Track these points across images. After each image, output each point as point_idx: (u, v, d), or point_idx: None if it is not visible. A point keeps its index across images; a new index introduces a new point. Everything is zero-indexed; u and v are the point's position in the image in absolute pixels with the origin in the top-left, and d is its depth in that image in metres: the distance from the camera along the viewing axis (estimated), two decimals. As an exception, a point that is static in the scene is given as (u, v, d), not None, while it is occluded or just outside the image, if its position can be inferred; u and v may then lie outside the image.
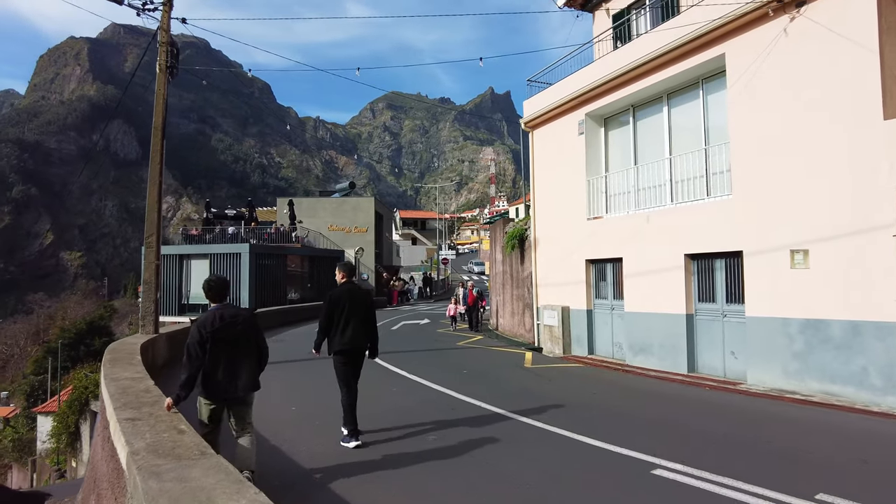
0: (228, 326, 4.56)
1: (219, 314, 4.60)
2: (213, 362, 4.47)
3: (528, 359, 12.31)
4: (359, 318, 5.99)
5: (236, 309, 4.77)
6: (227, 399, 4.58)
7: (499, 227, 19.68)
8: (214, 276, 4.93)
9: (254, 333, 4.76)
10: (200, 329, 4.48)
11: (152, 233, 10.38)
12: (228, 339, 4.54)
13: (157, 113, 10.50)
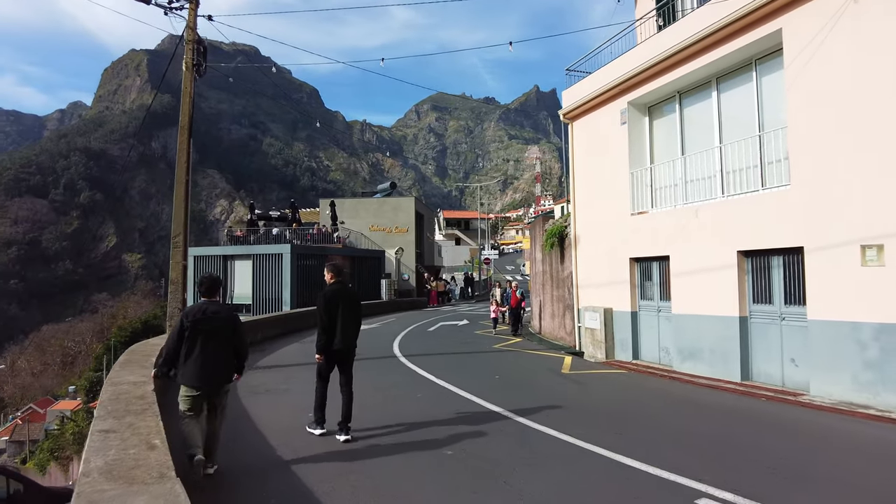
0: (209, 320, 4.96)
1: (203, 308, 5.04)
2: (192, 351, 4.86)
3: (566, 364, 11.61)
4: (350, 317, 6.13)
5: (220, 306, 5.18)
6: (202, 386, 4.86)
7: (538, 225, 18.96)
8: (207, 275, 5.36)
9: (232, 330, 5.12)
10: (183, 318, 4.98)
11: (179, 232, 10.29)
12: (207, 331, 4.92)
13: (184, 112, 10.42)
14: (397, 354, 12.71)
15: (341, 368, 6.26)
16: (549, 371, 10.73)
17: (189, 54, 10.34)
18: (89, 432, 3.61)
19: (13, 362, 75.29)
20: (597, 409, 7.61)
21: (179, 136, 10.36)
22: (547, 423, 6.53)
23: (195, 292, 24.32)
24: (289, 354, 13.05)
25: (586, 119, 14.03)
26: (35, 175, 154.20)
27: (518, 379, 9.89)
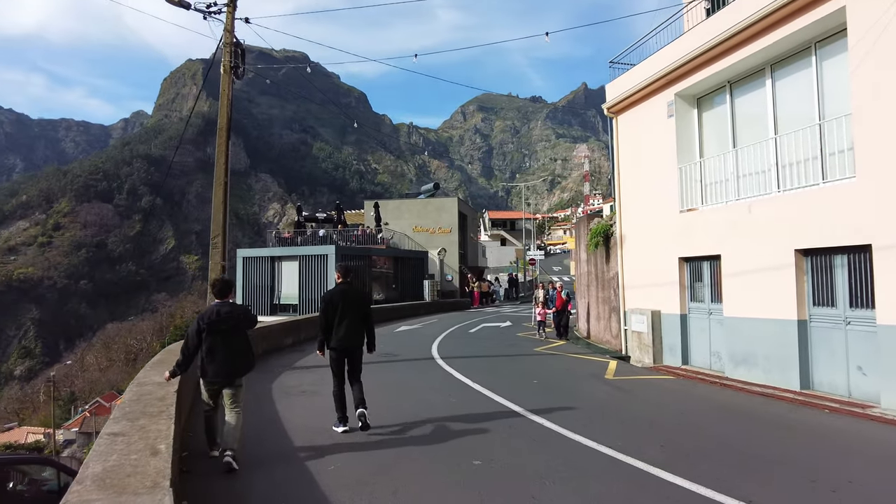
0: (223, 321, 5.27)
1: (217, 309, 5.33)
2: (208, 349, 5.22)
3: (610, 369, 11.11)
4: (353, 317, 6.30)
5: (233, 307, 5.46)
6: (218, 381, 5.26)
7: (583, 224, 18.39)
8: (219, 278, 5.84)
9: (245, 328, 5.48)
10: (199, 320, 5.28)
11: (218, 233, 10.42)
12: (221, 331, 5.25)
13: (222, 114, 10.56)
14: (435, 356, 12.52)
15: (350, 364, 6.52)
16: (592, 376, 10.28)
17: (227, 57, 10.48)
18: (99, 434, 3.55)
19: (83, 358, 79.70)
20: (640, 418, 7.16)
21: (218, 137, 10.51)
22: (584, 433, 6.16)
23: (244, 291, 24.78)
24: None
25: (631, 113, 13.47)
26: (102, 181, 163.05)
27: (557, 384, 9.50)
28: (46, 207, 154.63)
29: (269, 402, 7.99)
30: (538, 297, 18.05)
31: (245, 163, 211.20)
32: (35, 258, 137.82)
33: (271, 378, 9.85)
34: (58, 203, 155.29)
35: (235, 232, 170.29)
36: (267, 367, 10.91)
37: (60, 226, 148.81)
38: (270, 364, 11.24)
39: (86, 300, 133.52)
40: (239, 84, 48.46)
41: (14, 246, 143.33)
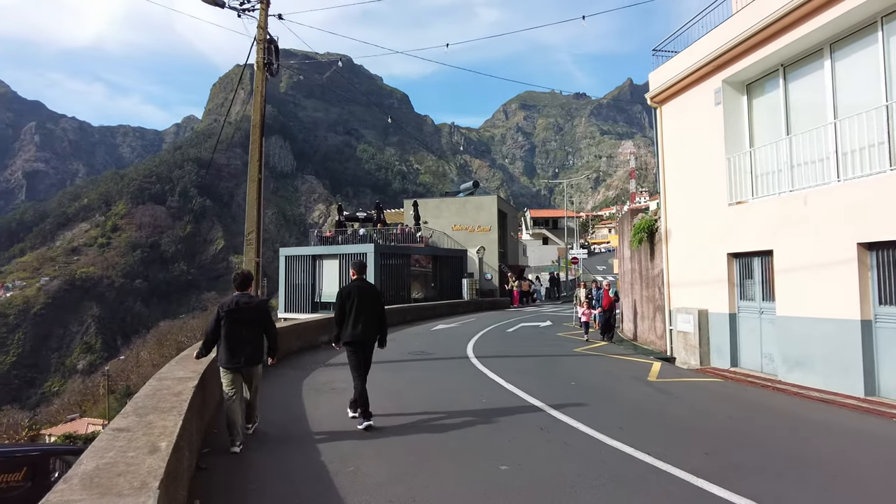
0: (241, 311, 5.67)
1: (236, 300, 5.74)
2: (227, 336, 5.59)
3: (654, 371, 10.56)
4: (367, 312, 6.48)
5: (251, 298, 5.88)
6: (235, 366, 5.59)
7: (626, 221, 17.74)
8: (240, 271, 6.19)
9: (262, 318, 5.84)
10: (219, 309, 5.70)
11: (252, 230, 10.44)
12: (240, 320, 5.64)
13: (256, 110, 10.57)
14: (470, 356, 12.22)
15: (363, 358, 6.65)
16: (634, 378, 9.77)
17: (260, 53, 10.48)
18: (104, 429, 3.44)
19: (137, 354, 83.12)
20: (683, 423, 6.68)
21: (252, 134, 10.53)
22: (622, 438, 5.76)
23: (286, 289, 25.12)
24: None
25: (676, 102, 12.83)
26: (155, 184, 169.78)
27: (596, 386, 9.05)
28: (105, 210, 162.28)
29: (297, 399, 7.89)
30: (580, 297, 17.51)
31: (292, 165, 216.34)
32: (95, 258, 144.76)
33: (303, 375, 9.78)
34: (115, 205, 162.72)
35: (283, 232, 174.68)
36: (300, 364, 10.88)
37: (118, 227, 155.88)
38: (304, 361, 11.21)
39: (141, 298, 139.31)
40: (284, 88, 49.89)
41: (77, 246, 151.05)
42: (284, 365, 10.87)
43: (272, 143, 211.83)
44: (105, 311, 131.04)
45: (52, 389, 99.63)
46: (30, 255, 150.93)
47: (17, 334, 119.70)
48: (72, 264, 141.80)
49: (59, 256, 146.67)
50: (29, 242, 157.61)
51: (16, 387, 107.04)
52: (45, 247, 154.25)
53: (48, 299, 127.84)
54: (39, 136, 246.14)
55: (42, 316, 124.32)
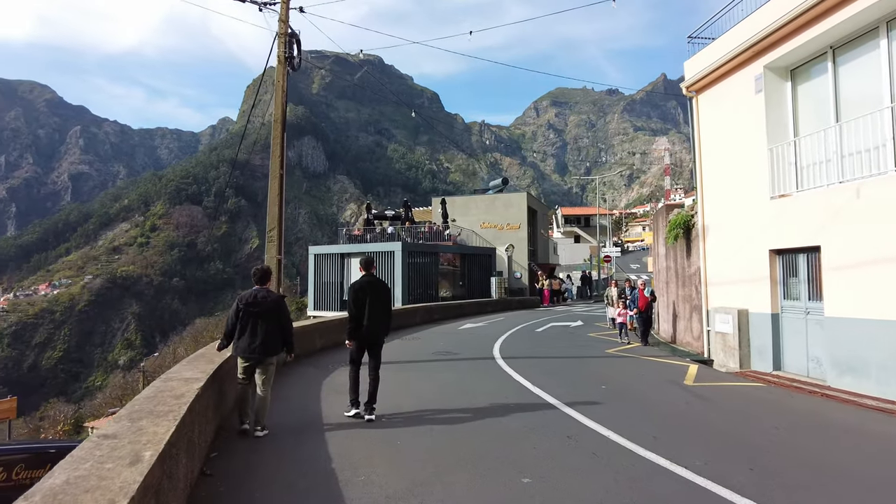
0: (258, 304, 5.90)
1: (254, 294, 5.99)
2: (242, 328, 5.85)
3: (690, 374, 9.99)
4: (378, 308, 6.55)
5: (268, 292, 6.10)
6: (250, 357, 5.85)
7: (661, 217, 17.05)
8: (259, 266, 6.36)
9: (278, 313, 6.02)
10: (237, 302, 5.96)
11: (274, 227, 10.27)
12: (256, 313, 5.86)
13: (277, 105, 10.41)
14: (496, 356, 11.84)
15: (370, 353, 6.76)
16: (669, 382, 9.24)
17: (281, 47, 10.31)
18: (90, 436, 3.21)
19: (174, 350, 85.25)
20: (724, 432, 6.18)
21: (273, 129, 10.37)
22: (657, 449, 5.32)
23: (316, 287, 25.14)
24: (388, 351, 12.56)
25: (713, 91, 12.18)
26: (192, 185, 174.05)
27: (629, 390, 8.57)
28: (144, 210, 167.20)
29: (315, 401, 7.65)
30: (611, 296, 16.90)
31: (324, 165, 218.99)
32: (135, 257, 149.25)
33: (324, 375, 9.57)
34: (154, 206, 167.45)
35: (315, 232, 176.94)
36: (322, 363, 10.68)
37: (156, 227, 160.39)
38: (326, 360, 11.02)
39: (178, 296, 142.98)
40: (317, 89, 50.19)
41: (118, 246, 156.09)
42: (306, 363, 10.70)
43: (305, 143, 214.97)
44: (144, 308, 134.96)
45: (96, 384, 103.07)
46: (75, 254, 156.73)
47: (64, 330, 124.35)
48: (113, 263, 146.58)
49: (101, 255, 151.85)
50: (74, 242, 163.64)
51: (62, 380, 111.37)
52: (89, 246, 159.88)
53: (91, 297, 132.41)
54: (83, 140, 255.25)
55: (86, 313, 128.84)
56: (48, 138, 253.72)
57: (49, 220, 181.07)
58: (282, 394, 7.87)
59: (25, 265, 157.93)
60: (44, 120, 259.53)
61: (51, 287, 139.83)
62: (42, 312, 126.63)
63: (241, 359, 5.93)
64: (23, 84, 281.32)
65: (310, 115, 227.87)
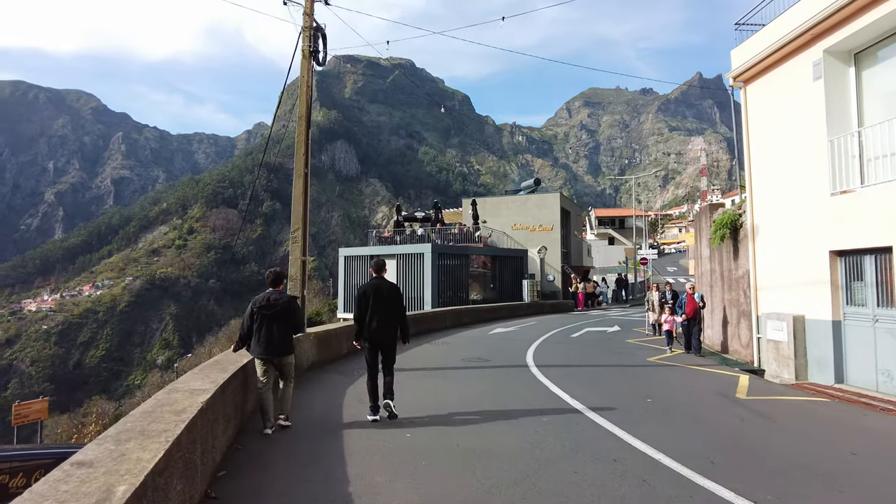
0: (271, 306, 6.12)
1: (267, 296, 6.21)
2: (259, 330, 6.06)
3: (741, 386, 9.18)
4: (384, 311, 6.61)
5: (281, 294, 6.32)
6: (266, 357, 6.08)
7: (704, 216, 16.14)
8: (272, 269, 6.67)
9: (290, 314, 6.23)
10: (252, 304, 6.18)
11: (298, 227, 9.90)
12: (270, 315, 6.09)
13: (302, 101, 10.03)
14: (529, 364, 11.21)
15: (383, 355, 6.75)
16: (720, 395, 8.47)
17: (305, 41, 9.93)
18: (62, 463, 2.77)
19: (209, 350, 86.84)
20: (793, 459, 5.44)
21: (298, 126, 10.00)
22: (716, 478, 4.65)
23: (345, 289, 24.86)
24: (415, 357, 12.21)
25: (765, 80, 11.33)
26: (228, 188, 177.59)
27: (677, 404, 7.84)
28: (182, 213, 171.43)
29: (336, 410, 7.20)
30: (652, 301, 16.00)
31: (356, 168, 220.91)
32: (173, 259, 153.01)
33: (348, 382, 9.13)
34: (191, 209, 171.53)
35: (348, 234, 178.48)
36: (347, 369, 10.26)
37: (193, 230, 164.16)
38: (352, 366, 10.58)
39: (214, 297, 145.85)
40: (349, 93, 50.21)
41: (157, 248, 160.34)
42: (330, 369, 10.29)
43: (337, 147, 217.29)
44: (182, 309, 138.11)
45: (135, 382, 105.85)
46: (116, 256, 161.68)
47: (106, 330, 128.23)
48: (152, 265, 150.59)
49: (141, 257, 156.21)
50: (116, 244, 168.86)
51: (104, 378, 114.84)
52: (129, 248, 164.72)
53: (132, 298, 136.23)
54: (125, 146, 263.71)
55: (126, 313, 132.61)
56: (93, 144, 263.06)
57: (93, 224, 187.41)
58: (303, 401, 7.45)
59: (71, 267, 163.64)
60: (89, 127, 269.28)
61: (94, 288, 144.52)
62: (86, 312, 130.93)
63: (258, 360, 6.14)
64: (70, 93, 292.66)
65: (342, 118, 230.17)
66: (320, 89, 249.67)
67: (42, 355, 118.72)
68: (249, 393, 6.57)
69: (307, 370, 9.80)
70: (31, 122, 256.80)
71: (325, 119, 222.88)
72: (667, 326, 13.77)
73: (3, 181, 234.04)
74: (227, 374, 5.59)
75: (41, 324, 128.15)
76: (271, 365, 6.15)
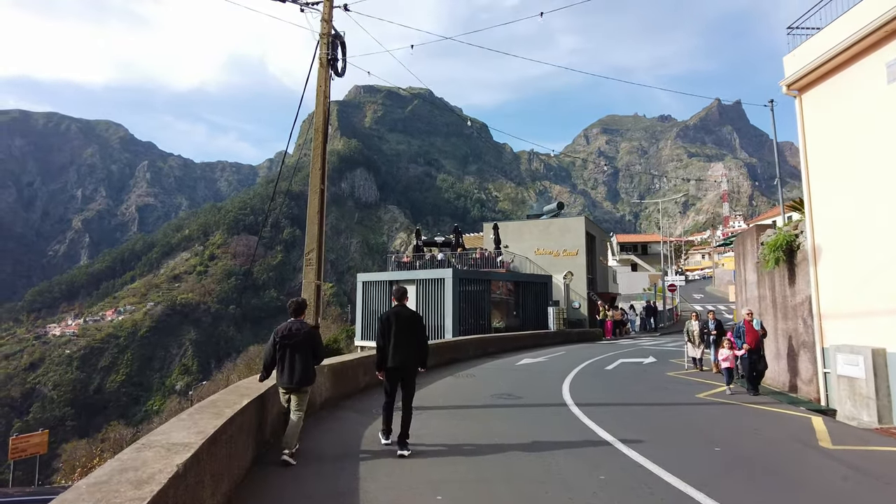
0: (293, 336, 6.18)
1: (289, 326, 6.28)
2: (282, 360, 6.12)
3: (820, 431, 7.91)
4: (406, 338, 6.51)
5: (302, 324, 6.36)
6: (288, 386, 6.12)
7: (749, 239, 14.94)
8: (294, 299, 6.80)
9: (312, 344, 6.26)
10: (274, 335, 6.29)
11: (313, 248, 9.01)
12: (291, 345, 6.13)
13: (318, 114, 9.24)
14: (567, 401, 10.03)
15: (402, 385, 6.63)
16: (798, 443, 7.23)
17: (323, 48, 9.19)
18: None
19: (227, 377, 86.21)
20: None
21: (314, 139, 9.20)
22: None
23: (363, 316, 23.90)
24: (438, 392, 11.11)
25: (825, 86, 10.29)
26: (249, 216, 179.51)
27: (753, 455, 6.61)
28: (204, 240, 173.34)
29: (352, 461, 6.14)
30: (692, 331, 14.70)
31: (375, 196, 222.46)
32: (194, 285, 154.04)
33: (367, 421, 8.08)
34: (213, 236, 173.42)
35: (366, 261, 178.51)
36: (365, 406, 9.21)
37: (215, 256, 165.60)
38: (370, 402, 9.53)
39: (234, 323, 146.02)
40: (369, 122, 50.08)
41: (178, 274, 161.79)
42: (346, 406, 9.26)
43: (357, 175, 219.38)
44: (201, 335, 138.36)
45: (154, 408, 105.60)
46: (139, 281, 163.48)
47: (127, 355, 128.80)
48: (173, 291, 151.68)
49: (162, 283, 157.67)
50: (138, 270, 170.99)
51: (124, 403, 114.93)
52: (152, 274, 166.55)
53: (153, 323, 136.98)
54: (150, 174, 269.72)
55: (147, 338, 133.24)
56: (119, 173, 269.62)
57: (117, 250, 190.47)
58: (310, 449, 6.41)
59: (95, 292, 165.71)
60: (116, 156, 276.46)
61: (116, 313, 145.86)
62: (108, 337, 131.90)
63: (281, 389, 6.27)
64: (100, 123, 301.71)
65: (362, 147, 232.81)
66: (341, 119, 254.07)
67: (64, 379, 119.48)
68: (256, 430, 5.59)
69: (320, 408, 8.78)
70: (62, 152, 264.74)
71: (346, 148, 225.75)
72: (726, 364, 11.58)
73: (34, 209, 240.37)
74: (221, 419, 4.61)
75: (64, 348, 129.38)
76: (287, 395, 6.25)
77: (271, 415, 6.65)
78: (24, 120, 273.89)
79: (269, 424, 6.55)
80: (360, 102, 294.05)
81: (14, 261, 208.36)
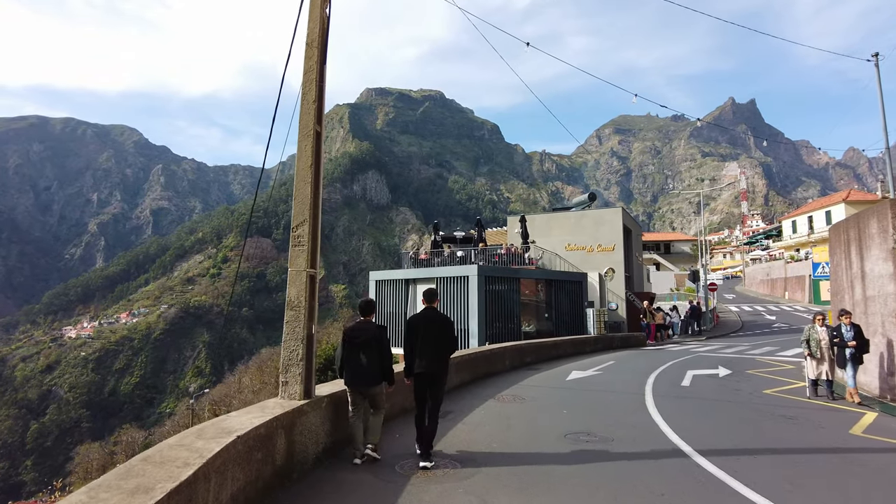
0: (360, 335, 6.22)
1: (357, 325, 6.41)
2: (346, 358, 6.22)
3: None
4: (430, 342, 6.26)
5: (369, 324, 6.40)
6: (354, 386, 6.18)
7: (874, 219, 11.71)
8: (363, 299, 7.06)
9: (377, 343, 6.22)
10: (344, 334, 6.42)
11: (304, 219, 6.07)
12: (359, 344, 6.18)
13: (313, 18, 6.32)
14: (680, 446, 6.87)
15: (430, 392, 6.31)
16: None
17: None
18: None
19: (239, 380, 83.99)
20: None
21: (305, 61, 6.26)
22: None
23: (377, 318, 21.07)
24: (482, 427, 7.98)
25: None
26: (262, 218, 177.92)
27: None
28: (217, 243, 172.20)
29: None
30: (818, 340, 11.05)
31: (387, 198, 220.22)
32: (207, 287, 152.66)
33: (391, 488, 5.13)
34: (226, 238, 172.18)
35: (378, 263, 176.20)
36: (397, 428, 6.28)
37: (228, 259, 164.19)
38: (401, 424, 6.59)
39: (246, 326, 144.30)
40: (381, 125, 46.94)
41: (192, 277, 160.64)
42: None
43: (369, 177, 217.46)
44: (214, 337, 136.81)
45: (167, 410, 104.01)
46: (153, 284, 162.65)
47: (141, 357, 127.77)
48: (187, 293, 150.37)
49: (176, 286, 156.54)
50: (153, 273, 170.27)
51: (138, 405, 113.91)
52: (165, 277, 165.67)
53: (166, 325, 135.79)
54: (164, 177, 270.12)
55: (161, 341, 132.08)
56: (134, 177, 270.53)
57: (131, 253, 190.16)
58: None
59: (110, 295, 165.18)
60: (131, 160, 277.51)
61: (131, 315, 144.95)
62: (122, 340, 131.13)
63: (348, 388, 6.17)
64: (115, 128, 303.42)
65: (374, 149, 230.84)
66: (352, 121, 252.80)
67: (80, 381, 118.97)
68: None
69: (316, 464, 5.84)
70: (79, 157, 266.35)
71: (357, 150, 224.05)
72: None
73: (51, 213, 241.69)
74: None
75: (79, 350, 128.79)
76: (359, 395, 6.16)
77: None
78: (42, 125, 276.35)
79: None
80: (372, 105, 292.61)
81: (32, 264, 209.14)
